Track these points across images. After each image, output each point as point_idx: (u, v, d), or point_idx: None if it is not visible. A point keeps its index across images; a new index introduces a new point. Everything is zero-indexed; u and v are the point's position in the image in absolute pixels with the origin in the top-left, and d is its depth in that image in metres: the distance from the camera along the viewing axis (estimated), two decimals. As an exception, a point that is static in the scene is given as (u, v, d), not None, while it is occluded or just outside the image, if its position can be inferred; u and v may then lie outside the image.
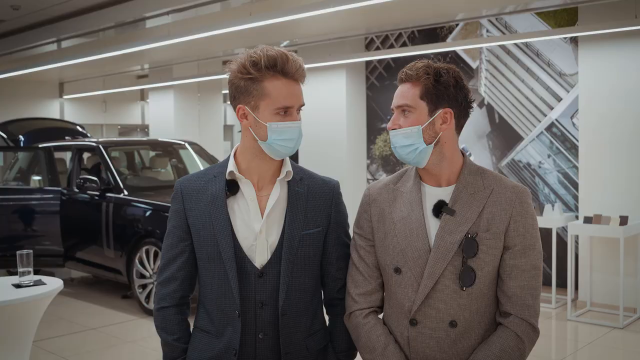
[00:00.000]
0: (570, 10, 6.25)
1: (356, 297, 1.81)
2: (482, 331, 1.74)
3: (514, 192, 1.73)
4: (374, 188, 1.87)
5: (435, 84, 1.70)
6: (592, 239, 5.89)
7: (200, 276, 1.83)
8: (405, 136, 1.72)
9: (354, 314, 1.81)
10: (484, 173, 1.77)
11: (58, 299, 5.17)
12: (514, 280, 1.71)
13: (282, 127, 1.70)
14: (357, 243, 1.84)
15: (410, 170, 1.83)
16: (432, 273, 1.69)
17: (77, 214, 6.73)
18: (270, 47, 1.72)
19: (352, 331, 1.83)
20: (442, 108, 1.71)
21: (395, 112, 1.76)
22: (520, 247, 1.71)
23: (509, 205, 1.71)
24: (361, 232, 1.84)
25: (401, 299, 1.74)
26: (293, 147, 1.73)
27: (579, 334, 5.41)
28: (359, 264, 1.82)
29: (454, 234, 1.69)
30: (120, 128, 15.43)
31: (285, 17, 5.45)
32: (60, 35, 7.88)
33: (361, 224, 1.85)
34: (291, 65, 1.69)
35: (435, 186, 1.77)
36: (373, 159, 8.18)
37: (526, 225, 1.72)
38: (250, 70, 1.69)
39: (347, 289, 1.84)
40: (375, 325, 1.79)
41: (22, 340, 3.45)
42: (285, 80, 1.69)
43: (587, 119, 5.92)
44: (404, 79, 1.74)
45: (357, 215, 1.87)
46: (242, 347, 1.75)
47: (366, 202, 1.85)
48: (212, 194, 1.77)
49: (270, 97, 1.69)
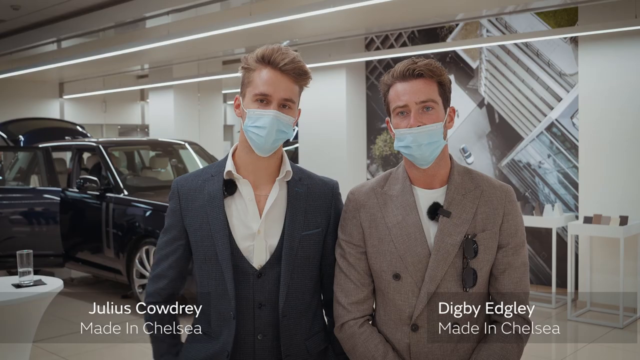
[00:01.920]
0: (570, 10, 6.24)
1: (348, 307, 1.76)
2: (480, 331, 1.74)
3: (502, 191, 1.75)
4: (359, 193, 1.81)
5: (444, 81, 1.72)
6: (592, 239, 5.89)
7: (197, 277, 1.81)
8: (430, 134, 1.67)
9: (347, 324, 1.76)
10: (471, 173, 1.77)
11: (58, 299, 5.17)
12: (507, 278, 1.72)
13: (257, 114, 1.69)
14: (345, 250, 1.78)
15: (396, 173, 1.80)
16: (434, 276, 1.67)
17: (77, 214, 6.73)
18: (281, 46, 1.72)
19: (345, 342, 1.78)
20: (448, 106, 1.74)
21: (414, 109, 1.68)
22: (513, 245, 1.73)
23: (500, 204, 1.73)
24: (349, 238, 1.78)
25: (400, 305, 1.72)
26: (265, 137, 1.68)
27: (579, 334, 5.41)
28: (349, 271, 1.77)
29: (453, 236, 1.68)
30: (120, 128, 15.43)
31: (285, 17, 5.46)
32: (60, 35, 7.89)
33: (349, 230, 1.78)
34: (279, 56, 1.69)
35: (426, 188, 1.74)
36: (373, 159, 8.18)
37: (517, 223, 1.74)
38: (248, 61, 1.72)
39: (337, 298, 1.79)
40: (371, 334, 1.75)
41: (22, 340, 3.45)
42: (271, 70, 1.69)
43: (587, 119, 5.92)
44: (417, 74, 1.68)
45: (343, 222, 1.81)
46: (241, 348, 1.74)
47: (353, 207, 1.79)
48: (209, 193, 1.76)
49: (253, 84, 1.71)
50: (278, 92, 1.69)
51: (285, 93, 1.70)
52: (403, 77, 1.70)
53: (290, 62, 1.69)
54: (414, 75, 1.69)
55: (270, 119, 1.68)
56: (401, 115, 1.71)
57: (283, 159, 1.81)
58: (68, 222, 6.76)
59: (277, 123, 1.69)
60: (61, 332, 5.49)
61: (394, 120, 1.73)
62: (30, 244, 5.60)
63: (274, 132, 1.69)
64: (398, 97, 1.71)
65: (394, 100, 1.72)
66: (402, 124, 1.70)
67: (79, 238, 6.72)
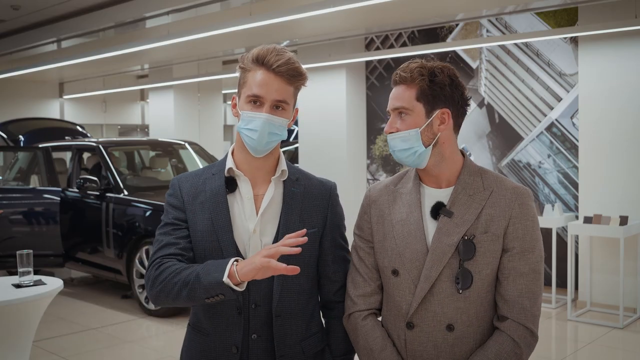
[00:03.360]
0: (570, 10, 6.24)
1: (355, 299, 1.79)
2: (480, 336, 1.71)
3: (514, 193, 1.70)
4: (374, 189, 1.85)
5: (431, 84, 1.67)
6: (592, 239, 5.89)
7: None
8: (403, 139, 1.69)
9: (353, 315, 1.79)
10: (485, 174, 1.74)
11: (58, 299, 5.17)
12: (512, 283, 1.67)
13: (249, 116, 1.69)
14: (357, 244, 1.83)
15: (411, 171, 1.81)
16: (429, 276, 1.67)
17: (77, 214, 6.73)
18: (278, 46, 1.72)
19: (350, 333, 1.81)
20: (439, 109, 1.69)
21: (392, 115, 1.73)
22: (519, 249, 1.67)
23: (508, 206, 1.68)
24: (361, 233, 1.82)
25: (398, 302, 1.73)
26: (257, 140, 1.68)
27: (579, 334, 5.41)
28: (359, 265, 1.81)
29: (451, 236, 1.66)
30: (120, 128, 15.44)
31: (285, 17, 5.46)
32: (60, 35, 7.89)
33: (361, 225, 1.83)
34: (272, 57, 1.68)
35: (435, 187, 1.74)
36: (373, 159, 8.18)
37: (526, 227, 1.68)
38: (244, 61, 1.72)
39: (347, 290, 1.82)
40: (373, 327, 1.77)
41: (22, 340, 3.46)
42: (264, 71, 1.68)
43: (587, 119, 5.92)
44: (398, 80, 1.71)
45: (358, 217, 1.86)
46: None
47: (367, 203, 1.84)
48: (211, 190, 1.76)
49: (247, 85, 1.70)
50: (270, 93, 1.68)
51: (278, 94, 1.69)
52: (393, 82, 1.74)
53: (284, 64, 1.67)
54: (395, 82, 1.73)
55: (262, 122, 1.68)
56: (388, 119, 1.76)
57: (280, 158, 1.81)
58: (68, 222, 6.76)
59: (269, 126, 1.68)
60: (61, 332, 5.49)
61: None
62: (30, 244, 5.60)
63: (265, 134, 1.68)
64: (388, 102, 1.76)
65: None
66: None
67: (79, 238, 6.72)
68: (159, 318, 5.81)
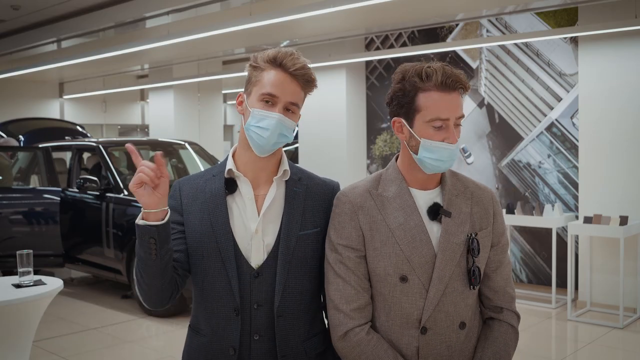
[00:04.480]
0: (570, 10, 6.25)
1: (351, 313, 1.69)
2: (476, 328, 1.79)
3: (487, 192, 1.80)
4: (353, 195, 1.75)
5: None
6: (592, 239, 5.89)
7: (193, 275, 1.79)
8: (458, 149, 1.71)
9: (352, 331, 1.68)
10: (456, 175, 1.81)
11: (58, 299, 5.17)
12: (499, 275, 1.78)
13: (261, 114, 1.69)
14: (342, 255, 1.71)
15: (386, 174, 1.77)
16: (442, 277, 1.67)
17: (77, 214, 6.73)
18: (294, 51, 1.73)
19: (350, 351, 1.69)
20: None
21: (452, 124, 1.65)
22: (502, 244, 1.80)
23: (490, 204, 1.78)
24: (348, 242, 1.71)
25: (408, 308, 1.69)
26: (267, 138, 1.68)
27: (579, 334, 5.41)
28: (348, 277, 1.70)
29: (458, 235, 1.69)
30: (120, 128, 15.44)
31: (285, 17, 5.46)
32: (60, 35, 7.89)
33: (347, 233, 1.71)
34: (290, 60, 1.69)
35: (421, 189, 1.74)
36: (373, 159, 8.18)
37: (502, 222, 1.81)
38: (257, 60, 1.73)
39: (336, 305, 1.70)
40: (380, 340, 1.70)
41: (22, 340, 3.46)
42: (281, 72, 1.69)
43: (587, 119, 5.92)
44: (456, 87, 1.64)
45: (339, 225, 1.73)
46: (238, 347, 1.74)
47: (350, 210, 1.72)
48: (211, 191, 1.76)
49: (260, 83, 1.70)
50: (285, 95, 1.70)
51: (292, 97, 1.71)
52: (443, 87, 1.62)
53: (300, 68, 1.70)
54: (454, 88, 1.63)
55: (275, 121, 1.68)
56: (436, 127, 1.64)
57: (282, 158, 1.81)
58: (68, 222, 6.76)
59: (281, 126, 1.69)
60: (61, 332, 5.49)
61: (425, 130, 1.65)
62: (30, 244, 5.60)
63: (276, 135, 1.69)
64: (438, 108, 1.63)
65: (431, 109, 1.63)
66: (437, 136, 1.64)
67: (79, 238, 6.72)
68: (159, 318, 5.81)
